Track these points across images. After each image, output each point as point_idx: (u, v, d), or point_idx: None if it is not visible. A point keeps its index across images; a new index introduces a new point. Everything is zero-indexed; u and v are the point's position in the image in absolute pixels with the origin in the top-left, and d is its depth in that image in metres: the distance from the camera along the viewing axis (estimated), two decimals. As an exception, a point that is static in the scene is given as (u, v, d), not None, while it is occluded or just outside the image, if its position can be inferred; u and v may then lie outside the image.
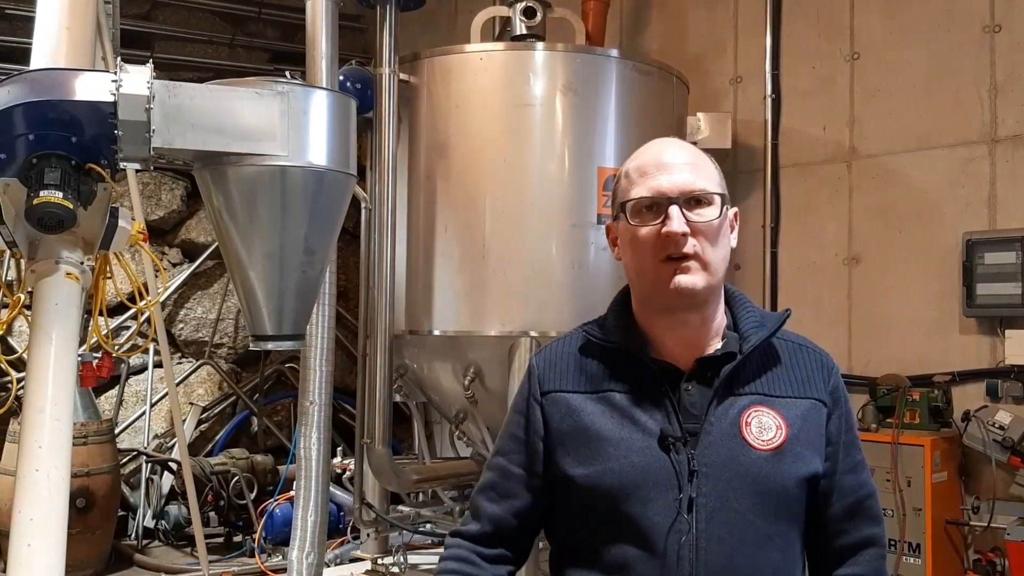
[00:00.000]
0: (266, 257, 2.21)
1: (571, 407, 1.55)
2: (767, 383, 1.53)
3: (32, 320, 1.96)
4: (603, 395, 1.54)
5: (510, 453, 1.63)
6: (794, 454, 1.48)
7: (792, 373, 1.55)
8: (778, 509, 1.47)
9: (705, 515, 1.44)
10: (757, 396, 1.51)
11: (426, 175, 4.18)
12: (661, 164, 1.51)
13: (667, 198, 1.47)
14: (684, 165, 1.51)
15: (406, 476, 4.21)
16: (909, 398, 4.13)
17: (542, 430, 1.58)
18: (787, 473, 1.47)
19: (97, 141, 2.00)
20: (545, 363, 1.63)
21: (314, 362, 3.76)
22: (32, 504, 1.73)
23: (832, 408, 1.56)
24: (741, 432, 1.47)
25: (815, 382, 1.56)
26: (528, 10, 4.42)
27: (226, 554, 5.51)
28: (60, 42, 2.26)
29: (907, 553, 3.91)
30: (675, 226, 1.45)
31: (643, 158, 1.55)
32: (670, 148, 1.55)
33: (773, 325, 1.56)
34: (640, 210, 1.50)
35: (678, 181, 1.48)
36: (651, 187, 1.49)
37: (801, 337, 1.63)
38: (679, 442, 1.46)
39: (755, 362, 1.53)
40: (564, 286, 3.98)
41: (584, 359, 1.59)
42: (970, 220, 4.25)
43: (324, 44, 3.56)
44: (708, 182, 1.50)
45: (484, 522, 1.63)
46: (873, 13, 4.63)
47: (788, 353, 1.58)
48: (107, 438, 5.25)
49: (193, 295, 6.66)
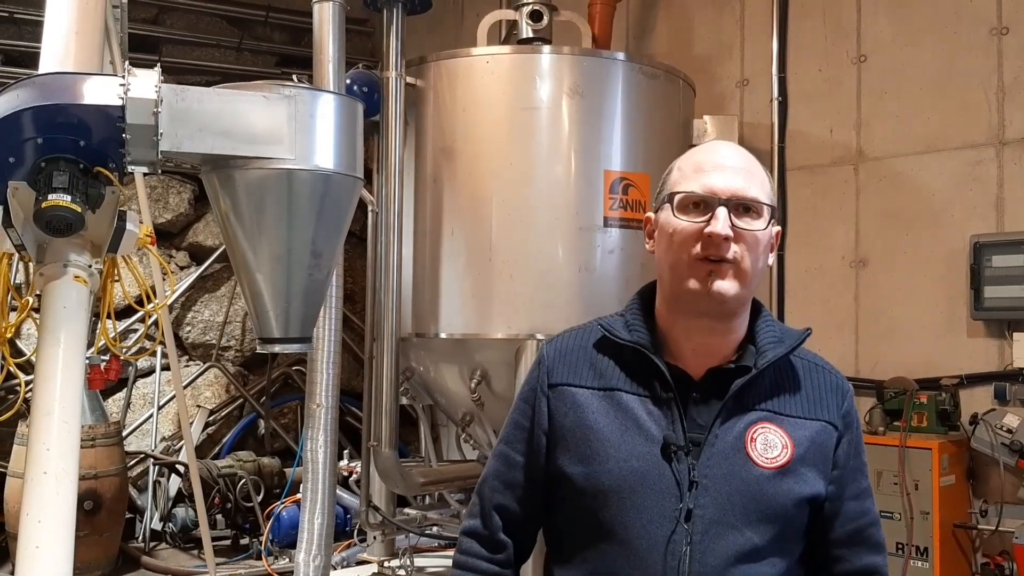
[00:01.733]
0: (273, 260, 2.22)
1: (576, 402, 1.53)
2: (778, 401, 1.50)
3: (40, 323, 1.96)
4: (610, 393, 1.51)
5: (514, 442, 1.62)
6: (797, 475, 1.46)
7: (805, 393, 1.53)
8: (775, 527, 1.45)
9: (701, 527, 1.42)
10: (766, 413, 1.48)
11: (433, 178, 4.18)
12: (717, 164, 1.48)
13: (717, 198, 1.44)
14: (740, 170, 1.48)
15: (412, 479, 4.21)
16: (917, 401, 4.12)
17: (546, 423, 1.57)
18: (788, 493, 1.45)
19: (105, 145, 2.00)
20: (556, 353, 1.60)
21: (321, 365, 3.77)
22: (40, 506, 1.73)
23: (843, 432, 1.54)
24: (745, 447, 1.45)
25: (828, 404, 1.53)
26: (534, 13, 4.42)
27: (233, 556, 5.52)
28: (68, 46, 2.26)
29: (915, 557, 3.90)
30: (720, 227, 1.42)
31: (700, 155, 1.52)
32: (729, 150, 1.53)
33: (792, 342, 1.53)
34: (687, 205, 1.47)
35: (731, 184, 1.45)
36: (703, 184, 1.46)
37: (818, 357, 1.61)
38: (681, 451, 1.44)
39: (769, 378, 1.51)
40: (570, 289, 3.97)
41: (596, 354, 1.57)
42: (978, 223, 4.24)
43: (331, 48, 3.56)
44: (760, 192, 1.48)
45: (491, 513, 1.62)
46: (880, 15, 4.62)
47: (804, 372, 1.55)
48: (115, 441, 5.27)
49: (200, 298, 6.68)
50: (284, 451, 6.60)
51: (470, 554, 1.62)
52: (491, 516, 1.62)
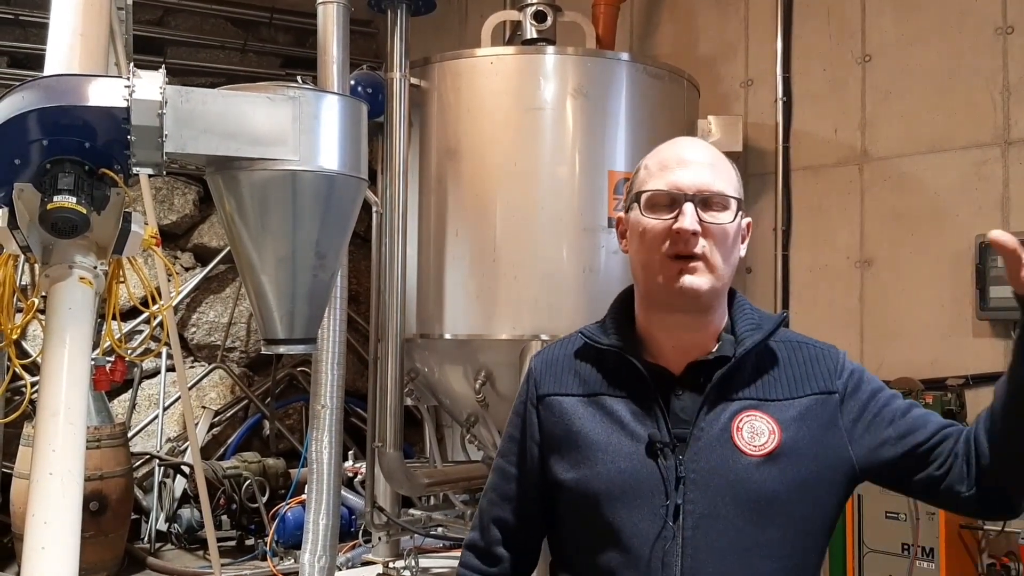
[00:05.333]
0: (278, 261, 2.22)
1: (564, 410, 1.54)
2: (761, 387, 1.49)
3: (46, 324, 1.97)
4: (595, 399, 1.53)
5: (508, 455, 1.65)
6: (789, 458, 1.43)
7: (788, 373, 1.51)
8: (770, 516, 1.43)
9: (692, 522, 1.41)
10: (750, 401, 1.47)
11: (437, 179, 4.18)
12: (682, 160, 1.49)
13: (683, 194, 1.45)
14: (705, 165, 1.48)
15: (417, 480, 4.21)
16: (922, 402, 4.10)
17: (538, 435, 1.59)
18: (779, 478, 1.43)
19: (110, 146, 2.01)
20: (543, 365, 1.63)
21: (326, 366, 3.77)
22: (46, 507, 1.74)
23: (848, 393, 1.50)
24: (732, 438, 1.43)
25: (816, 375, 1.51)
26: (538, 14, 4.42)
27: (238, 557, 5.53)
28: (74, 48, 2.27)
29: (921, 557, 3.88)
30: (687, 223, 1.42)
31: (664, 153, 1.53)
32: (693, 146, 1.53)
33: (769, 328, 1.51)
34: (655, 203, 1.48)
35: (696, 179, 1.46)
36: (669, 181, 1.47)
37: (802, 335, 1.59)
38: (667, 448, 1.44)
39: (750, 366, 1.50)
40: (575, 290, 3.97)
41: (579, 362, 1.58)
42: (983, 222, 4.22)
43: (335, 49, 3.57)
44: (726, 185, 1.48)
45: (489, 527, 1.65)
46: (885, 15, 4.61)
47: (786, 353, 1.53)
48: (120, 442, 5.28)
49: (205, 299, 6.69)
50: (289, 452, 6.61)
51: (468, 567, 1.66)
52: (489, 529, 1.65)
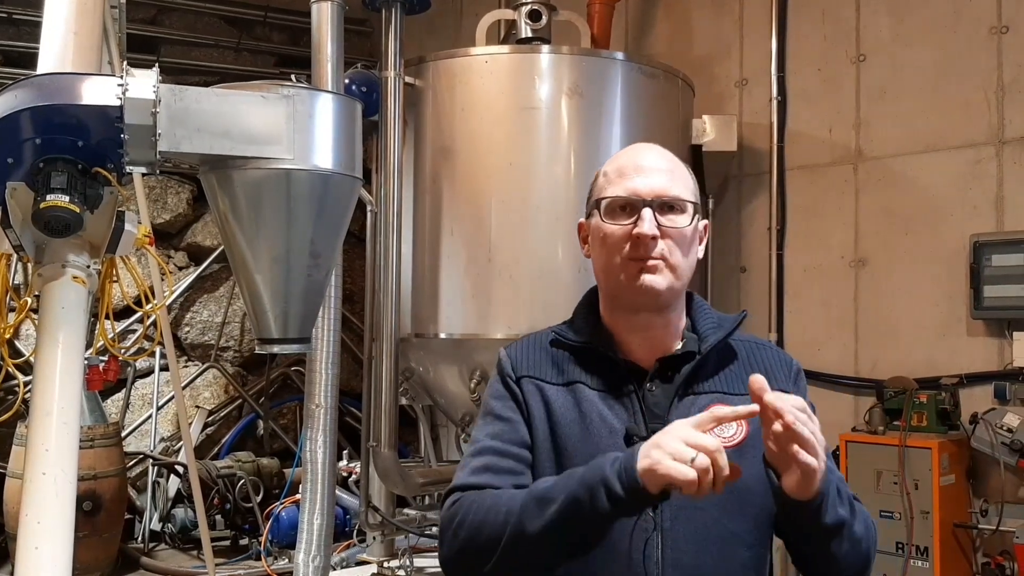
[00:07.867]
0: (272, 260, 2.21)
1: (545, 397, 1.57)
2: (725, 381, 1.56)
3: (39, 324, 1.96)
4: (572, 387, 1.56)
5: (502, 434, 1.57)
6: (754, 451, 1.43)
7: (749, 369, 1.55)
8: (743, 507, 1.49)
9: (671, 514, 1.46)
10: (716, 394, 1.53)
11: (432, 178, 4.18)
12: (639, 167, 1.55)
13: (641, 200, 1.51)
14: (661, 171, 1.55)
15: (412, 479, 4.21)
16: (916, 401, 4.12)
17: (525, 411, 1.58)
18: (749, 471, 1.41)
19: (104, 145, 2.00)
20: (517, 353, 1.64)
21: (320, 365, 3.76)
22: (39, 507, 1.73)
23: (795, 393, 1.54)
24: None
25: (776, 375, 1.57)
26: (533, 13, 4.42)
27: (232, 557, 5.52)
28: (67, 47, 2.26)
29: (915, 556, 3.90)
30: (646, 228, 1.49)
31: (622, 160, 1.59)
32: (649, 153, 1.59)
33: (730, 326, 1.60)
34: (614, 209, 1.54)
35: (654, 185, 1.52)
36: (627, 187, 1.53)
37: (760, 338, 1.69)
38: (644, 440, 1.43)
39: (713, 361, 1.57)
40: (570, 289, 3.97)
41: (555, 351, 1.62)
42: (977, 222, 4.23)
43: (330, 48, 3.56)
44: (683, 190, 1.55)
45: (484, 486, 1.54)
46: (880, 15, 4.62)
47: (747, 352, 1.61)
48: (114, 441, 5.27)
49: (199, 298, 6.68)
50: (283, 452, 6.60)
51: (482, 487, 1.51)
52: None
